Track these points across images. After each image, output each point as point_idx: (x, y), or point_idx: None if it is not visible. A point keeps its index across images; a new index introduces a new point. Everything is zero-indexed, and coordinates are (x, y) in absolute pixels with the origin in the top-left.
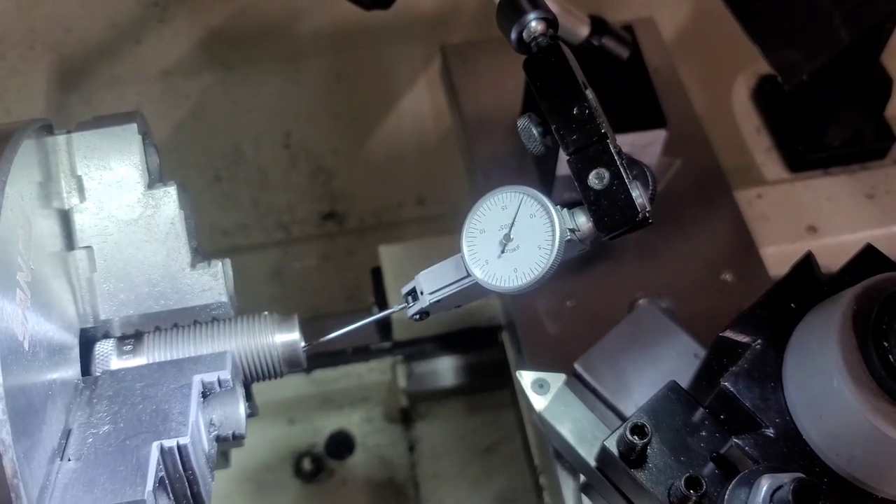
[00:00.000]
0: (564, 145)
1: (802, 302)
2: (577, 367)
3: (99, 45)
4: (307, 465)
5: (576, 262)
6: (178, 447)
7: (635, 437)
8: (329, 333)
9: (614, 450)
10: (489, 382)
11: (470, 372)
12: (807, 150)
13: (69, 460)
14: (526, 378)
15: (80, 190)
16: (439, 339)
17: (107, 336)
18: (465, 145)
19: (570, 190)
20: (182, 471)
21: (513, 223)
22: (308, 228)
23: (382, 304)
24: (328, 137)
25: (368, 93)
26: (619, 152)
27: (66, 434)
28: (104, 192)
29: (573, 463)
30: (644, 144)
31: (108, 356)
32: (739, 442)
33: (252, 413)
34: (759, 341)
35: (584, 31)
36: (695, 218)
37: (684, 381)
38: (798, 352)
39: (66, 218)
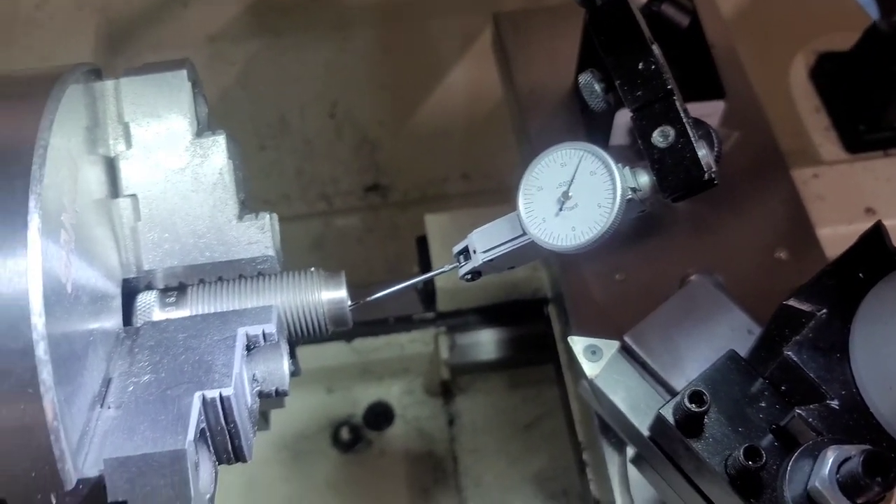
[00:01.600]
0: (628, 101)
1: (871, 272)
2: (628, 339)
3: (146, 8)
4: (345, 434)
5: (627, 235)
6: (221, 398)
7: (693, 405)
8: (373, 299)
9: (670, 418)
10: (532, 357)
11: (513, 345)
12: (866, 131)
13: (109, 408)
14: (578, 344)
15: (127, 137)
16: (483, 311)
17: (149, 288)
18: (517, 117)
19: (623, 160)
20: (224, 423)
21: (572, 180)
22: (351, 200)
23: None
24: (374, 108)
25: (416, 64)
26: (686, 110)
27: (107, 383)
28: (151, 140)
29: (623, 433)
30: (702, 115)
31: (151, 307)
32: (802, 413)
33: (295, 372)
34: (824, 311)
35: None
36: (750, 194)
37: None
38: (868, 322)
39: (111, 165)
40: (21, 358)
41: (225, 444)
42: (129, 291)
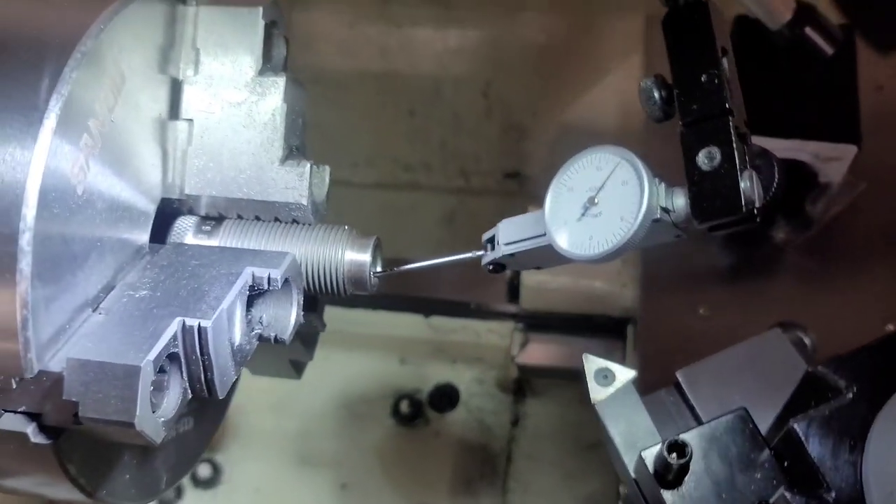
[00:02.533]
0: (682, 113)
1: None
2: (680, 376)
3: None
4: (405, 407)
5: (720, 268)
6: (199, 328)
7: (673, 454)
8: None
9: (650, 464)
10: None
11: None
12: None
13: (100, 313)
14: (591, 363)
15: (196, 63)
16: (565, 318)
17: (192, 213)
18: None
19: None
20: (199, 353)
21: (602, 187)
22: (489, 182)
23: None
24: (528, 95)
25: (578, 58)
26: (743, 135)
27: (108, 290)
28: (216, 70)
29: (616, 467)
30: (829, 157)
31: (186, 231)
32: (788, 497)
33: (316, 328)
34: (853, 389)
35: (785, 14)
36: (867, 254)
37: None
38: None
39: (176, 87)
40: (5, 243)
41: (199, 375)
42: (173, 212)
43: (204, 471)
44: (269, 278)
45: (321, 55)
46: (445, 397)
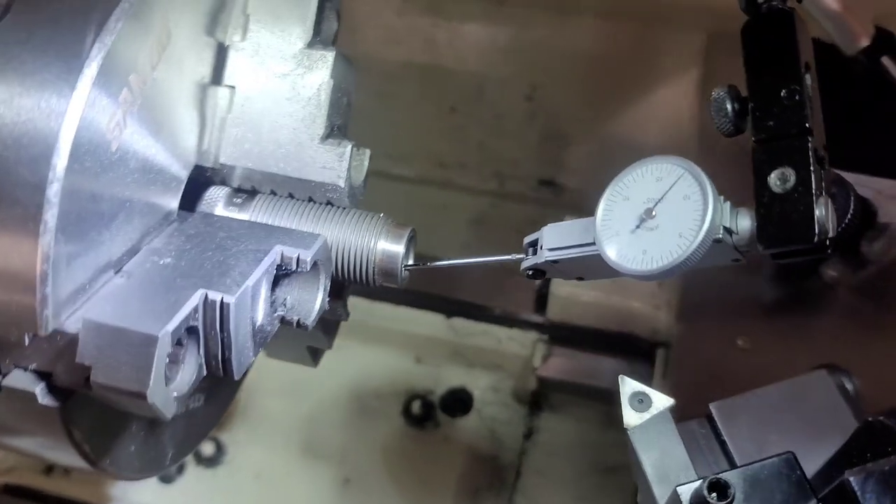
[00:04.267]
0: (756, 129)
1: None
2: (714, 410)
3: None
4: (417, 408)
5: (765, 299)
6: (222, 304)
7: (714, 494)
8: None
9: (685, 500)
10: None
11: (613, 380)
12: None
13: (121, 277)
14: (627, 386)
15: (245, 29)
16: (592, 333)
17: (224, 183)
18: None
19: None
20: (218, 329)
21: (661, 199)
22: (523, 188)
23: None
24: (573, 103)
25: (630, 70)
26: (821, 159)
27: (133, 253)
28: (265, 38)
29: (641, 500)
30: (893, 196)
31: (216, 201)
32: None
33: (340, 316)
34: None
35: (862, 40)
36: None
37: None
38: None
39: (222, 52)
40: (32, 193)
41: (216, 352)
42: (206, 181)
43: (207, 448)
44: (297, 259)
45: (366, 41)
46: (459, 402)
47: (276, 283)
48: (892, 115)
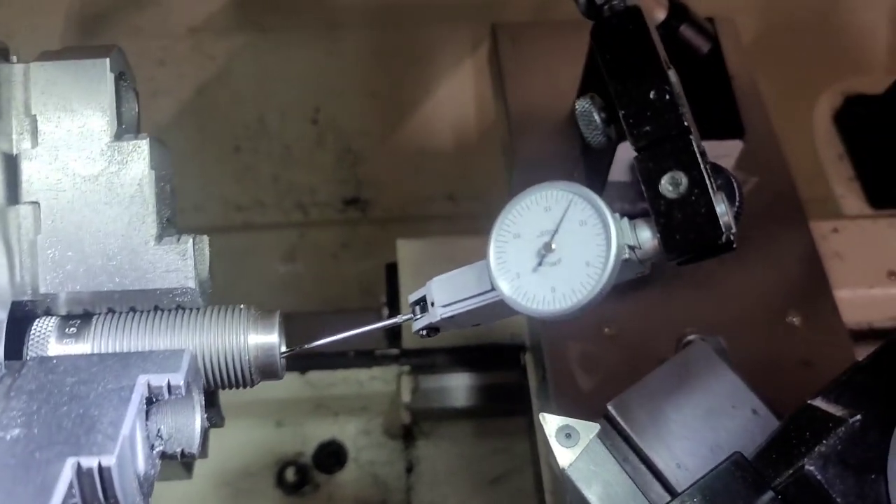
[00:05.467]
0: (633, 137)
1: None
2: (611, 408)
3: None
4: (291, 475)
5: (616, 286)
6: (100, 468)
7: None
8: (324, 334)
9: None
10: (504, 407)
11: (484, 393)
12: (894, 184)
13: None
14: (550, 424)
15: (34, 132)
16: (453, 353)
17: (49, 313)
18: (506, 140)
19: (621, 200)
20: (102, 499)
21: (556, 230)
22: (328, 213)
23: (394, 306)
24: (360, 118)
25: (409, 73)
26: (704, 154)
27: None
28: (61, 139)
29: None
30: (717, 156)
31: (47, 338)
32: None
33: (215, 423)
34: (857, 417)
35: (660, 14)
36: (762, 248)
37: (741, 444)
38: None
39: (12, 164)
40: None
41: None
42: (25, 315)
43: None
44: (168, 386)
45: None
46: (332, 456)
47: (146, 416)
48: (695, 80)
